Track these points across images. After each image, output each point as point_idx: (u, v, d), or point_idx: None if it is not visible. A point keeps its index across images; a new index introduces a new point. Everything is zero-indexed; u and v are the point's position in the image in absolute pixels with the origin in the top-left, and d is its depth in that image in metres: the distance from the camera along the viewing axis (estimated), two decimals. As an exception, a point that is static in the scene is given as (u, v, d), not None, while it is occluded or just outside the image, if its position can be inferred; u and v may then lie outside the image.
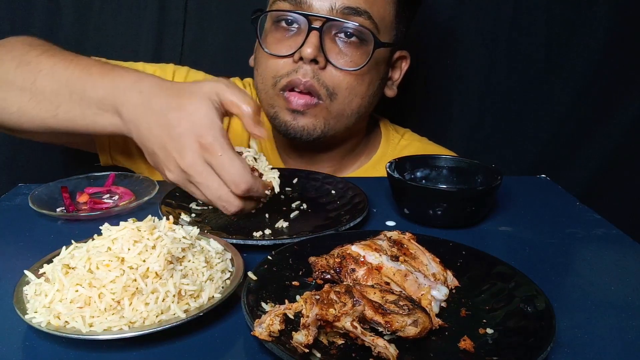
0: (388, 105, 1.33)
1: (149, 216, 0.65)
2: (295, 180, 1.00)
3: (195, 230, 0.67)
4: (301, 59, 0.98)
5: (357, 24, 0.98)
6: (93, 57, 0.99)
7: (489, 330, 0.57)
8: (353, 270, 0.61)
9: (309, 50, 0.95)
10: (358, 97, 1.04)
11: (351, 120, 1.06)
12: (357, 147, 1.18)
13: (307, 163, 1.14)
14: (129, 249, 0.59)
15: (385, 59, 1.07)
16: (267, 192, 0.78)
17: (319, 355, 0.51)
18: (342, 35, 0.99)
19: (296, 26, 1.00)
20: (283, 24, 1.01)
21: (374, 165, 1.18)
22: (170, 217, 0.67)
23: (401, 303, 0.55)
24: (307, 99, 1.00)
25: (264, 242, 0.75)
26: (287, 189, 0.97)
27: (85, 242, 0.63)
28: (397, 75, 1.15)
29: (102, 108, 0.83)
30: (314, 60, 0.97)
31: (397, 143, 1.22)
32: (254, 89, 1.20)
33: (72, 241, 0.65)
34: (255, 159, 0.81)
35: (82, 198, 0.92)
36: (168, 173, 0.77)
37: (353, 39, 0.99)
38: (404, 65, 1.15)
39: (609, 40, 1.46)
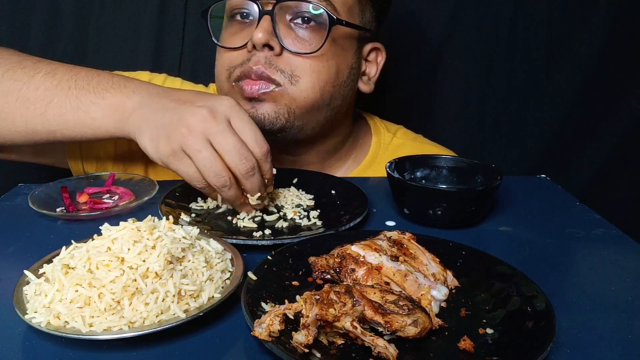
0: (388, 104, 1.33)
1: (149, 216, 0.64)
2: (295, 180, 1.00)
3: (195, 230, 0.67)
4: (254, 47, 0.91)
5: (310, 3, 0.91)
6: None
7: (489, 330, 0.57)
8: (353, 270, 0.61)
9: (259, 35, 0.89)
10: (329, 85, 0.96)
11: (322, 113, 0.99)
12: (342, 147, 1.11)
13: (285, 164, 1.07)
14: (128, 249, 0.59)
15: (351, 43, 1.00)
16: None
17: (318, 355, 0.51)
18: (297, 20, 0.93)
19: (250, 16, 0.95)
20: (237, 17, 0.97)
21: (364, 169, 1.13)
22: (170, 217, 0.67)
23: (401, 303, 0.55)
24: (262, 84, 0.92)
25: (264, 242, 0.75)
26: (287, 189, 0.97)
27: (85, 242, 0.63)
28: (373, 70, 1.07)
29: (104, 96, 0.81)
30: (268, 47, 0.91)
31: (390, 143, 1.16)
32: None
33: (72, 241, 0.65)
34: None
35: (82, 198, 0.92)
36: (184, 131, 0.72)
37: (310, 23, 0.93)
38: (380, 60, 1.07)
39: (609, 41, 1.46)
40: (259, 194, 0.81)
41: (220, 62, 0.98)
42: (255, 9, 0.92)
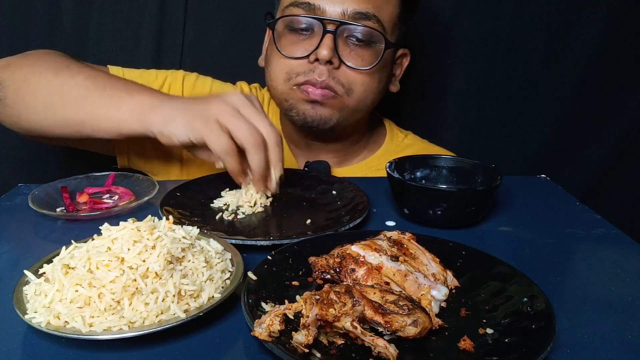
0: (389, 104, 1.33)
1: (149, 216, 0.65)
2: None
3: (195, 230, 0.67)
4: (317, 60, 1.03)
5: (368, 27, 1.03)
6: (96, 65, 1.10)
7: (489, 330, 0.57)
8: (353, 270, 0.61)
9: (324, 52, 1.01)
10: (372, 94, 1.10)
11: (361, 114, 1.13)
12: (361, 139, 1.23)
13: (314, 152, 1.19)
14: (128, 249, 0.59)
15: (391, 57, 1.13)
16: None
17: (319, 355, 0.51)
18: (354, 37, 1.04)
19: (310, 30, 1.05)
20: (299, 29, 1.06)
21: (378, 157, 1.23)
22: (170, 217, 0.67)
23: (401, 303, 0.55)
24: (325, 91, 1.05)
25: (263, 242, 0.75)
26: (288, 190, 0.97)
27: (85, 242, 0.64)
28: (398, 71, 1.20)
29: (133, 95, 0.91)
30: (329, 61, 1.03)
31: (401, 141, 1.26)
32: (259, 91, 1.25)
33: (72, 241, 0.65)
34: None
35: (82, 198, 0.92)
36: (213, 106, 0.84)
37: (364, 40, 1.04)
38: (405, 62, 1.20)
39: (609, 41, 1.46)
40: (280, 173, 0.88)
41: (279, 65, 1.08)
42: (318, 26, 1.03)
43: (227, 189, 0.95)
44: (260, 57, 1.18)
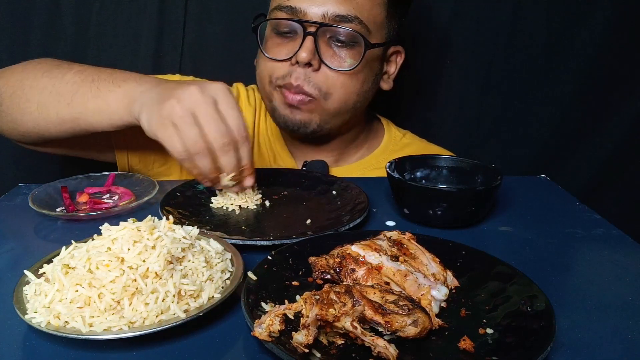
0: (388, 104, 1.33)
1: (149, 216, 0.65)
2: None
3: (195, 230, 0.67)
4: (297, 62, 1.03)
5: (348, 29, 1.02)
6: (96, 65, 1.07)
7: (489, 330, 0.57)
8: (353, 270, 0.61)
9: (303, 55, 1.01)
10: (354, 95, 1.09)
11: (348, 115, 1.12)
12: (358, 137, 1.23)
13: (311, 151, 1.19)
14: (128, 249, 0.59)
15: (378, 56, 1.11)
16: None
17: (319, 355, 0.51)
18: (335, 39, 1.04)
19: (293, 32, 1.06)
20: (282, 32, 1.07)
21: (376, 156, 1.23)
22: (170, 217, 0.67)
23: (401, 303, 0.55)
24: (301, 96, 1.05)
25: (263, 242, 0.75)
26: (288, 190, 0.97)
27: (85, 242, 0.64)
28: (392, 69, 1.19)
29: (120, 85, 0.90)
30: (309, 64, 1.03)
31: (399, 140, 1.26)
32: (256, 92, 1.25)
33: (72, 241, 0.65)
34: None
35: (82, 198, 0.92)
36: (173, 102, 0.80)
37: (345, 42, 1.04)
38: (399, 60, 1.19)
39: (609, 40, 1.46)
40: (232, 174, 0.84)
41: (264, 67, 1.10)
42: (299, 29, 1.04)
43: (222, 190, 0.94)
44: (256, 59, 1.18)
